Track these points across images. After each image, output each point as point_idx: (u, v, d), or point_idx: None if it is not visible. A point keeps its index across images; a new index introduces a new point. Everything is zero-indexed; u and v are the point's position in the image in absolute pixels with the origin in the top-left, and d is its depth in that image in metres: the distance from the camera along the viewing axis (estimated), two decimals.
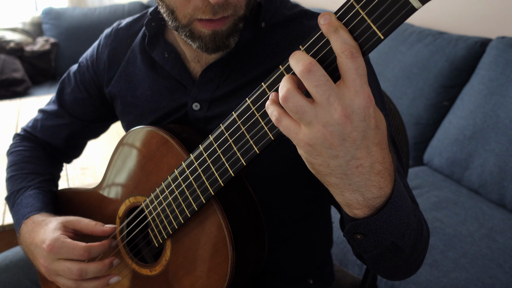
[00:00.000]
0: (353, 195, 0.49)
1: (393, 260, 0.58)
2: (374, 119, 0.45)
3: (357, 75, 0.43)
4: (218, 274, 0.64)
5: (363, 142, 0.45)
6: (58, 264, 0.71)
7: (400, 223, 0.53)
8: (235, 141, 0.56)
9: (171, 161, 0.68)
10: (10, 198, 0.88)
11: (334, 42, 0.43)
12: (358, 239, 0.55)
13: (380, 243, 0.54)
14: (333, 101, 0.43)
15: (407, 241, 0.57)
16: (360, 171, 0.47)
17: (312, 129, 0.45)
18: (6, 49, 3.09)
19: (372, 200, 0.50)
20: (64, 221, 0.75)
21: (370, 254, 0.57)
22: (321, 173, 0.48)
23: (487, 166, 1.58)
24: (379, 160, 0.47)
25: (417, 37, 1.98)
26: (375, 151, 0.46)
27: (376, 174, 0.48)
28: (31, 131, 1.00)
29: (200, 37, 0.66)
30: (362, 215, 0.51)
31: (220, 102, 0.74)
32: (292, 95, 0.45)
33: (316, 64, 0.44)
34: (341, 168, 0.46)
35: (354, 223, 0.52)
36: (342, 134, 0.44)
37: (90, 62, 0.91)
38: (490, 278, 1.24)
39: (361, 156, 0.46)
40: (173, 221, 0.67)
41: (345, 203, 0.51)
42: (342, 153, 0.45)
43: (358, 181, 0.47)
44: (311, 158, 0.47)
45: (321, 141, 0.45)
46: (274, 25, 0.75)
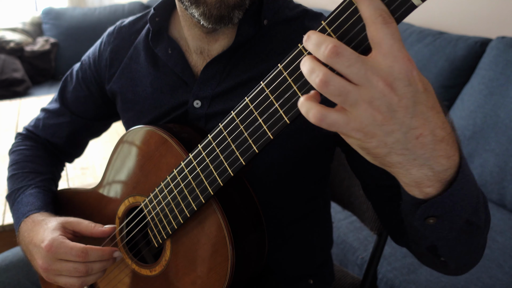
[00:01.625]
0: (421, 170, 0.44)
1: (469, 242, 0.55)
2: (421, 82, 0.41)
3: (394, 40, 0.39)
4: (218, 274, 0.64)
5: (416, 108, 0.41)
6: (60, 264, 0.70)
7: (472, 196, 0.50)
8: (234, 140, 0.56)
9: (170, 161, 0.68)
10: (10, 197, 0.88)
11: (366, 7, 0.40)
12: (430, 225, 0.50)
13: (455, 223, 0.50)
14: (371, 76, 0.40)
15: (481, 216, 0.53)
16: (421, 141, 0.42)
17: (359, 110, 0.41)
18: (6, 49, 3.09)
19: (443, 173, 0.45)
20: (64, 222, 0.75)
21: (445, 240, 0.53)
22: (379, 155, 0.44)
23: (487, 166, 1.57)
24: (439, 126, 0.43)
25: (417, 37, 1.98)
26: (432, 116, 0.42)
27: (440, 141, 0.43)
28: (33, 130, 1.00)
29: (206, 1, 0.65)
30: (435, 192, 0.46)
31: (221, 99, 0.74)
32: (332, 77, 0.40)
33: (341, 44, 0.40)
34: (400, 143, 0.42)
35: (427, 204, 0.48)
36: (390, 105, 0.40)
37: (92, 60, 0.91)
38: (490, 278, 1.24)
39: (418, 124, 0.41)
40: (172, 221, 0.67)
41: (414, 183, 0.46)
42: (397, 126, 0.41)
43: (423, 153, 0.43)
44: (364, 143, 0.43)
45: (371, 121, 0.41)
46: (276, 23, 0.75)
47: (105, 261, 0.71)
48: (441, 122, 0.43)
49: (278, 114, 0.50)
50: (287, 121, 0.49)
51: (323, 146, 0.74)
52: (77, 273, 0.70)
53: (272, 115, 0.51)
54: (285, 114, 0.49)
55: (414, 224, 0.52)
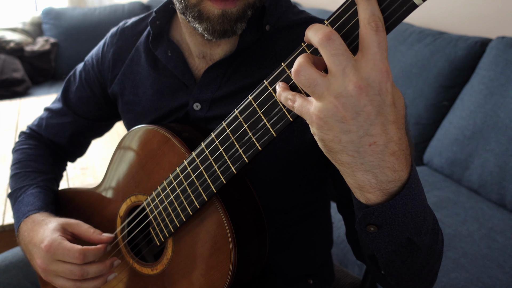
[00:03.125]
0: (365, 176, 0.47)
1: (408, 261, 0.56)
2: (391, 95, 0.43)
3: (379, 48, 0.42)
4: (220, 272, 0.64)
5: (378, 117, 0.43)
6: (57, 266, 0.71)
7: (416, 216, 0.51)
8: (237, 138, 0.56)
9: (172, 160, 0.68)
10: (12, 195, 0.88)
11: (363, 10, 0.42)
12: (371, 233, 0.52)
13: (395, 237, 0.52)
14: (348, 72, 0.42)
15: (424, 239, 0.54)
16: (373, 149, 0.44)
17: (324, 101, 0.43)
18: (6, 49, 3.09)
19: (386, 184, 0.47)
20: (64, 223, 0.75)
21: (383, 251, 0.54)
22: (333, 150, 0.46)
23: (487, 166, 1.58)
24: (394, 140, 0.45)
25: (417, 37, 1.99)
26: (391, 129, 0.44)
27: (390, 154, 0.45)
28: (37, 130, 1.00)
29: (209, 18, 0.65)
30: (375, 199, 0.48)
31: (221, 103, 0.74)
32: (304, 67, 0.44)
33: (336, 33, 0.43)
34: (353, 145, 0.44)
35: (368, 210, 0.50)
36: (355, 107, 0.42)
37: (95, 61, 0.91)
38: (490, 278, 1.24)
39: (375, 133, 0.44)
40: (174, 219, 0.67)
41: (357, 185, 0.48)
42: (355, 127, 0.43)
43: (371, 160, 0.45)
44: (322, 133, 0.45)
45: (332, 113, 0.43)
46: (278, 29, 0.75)
47: (102, 265, 0.72)
48: (398, 138, 0.45)
49: (281, 112, 0.50)
50: (290, 119, 0.50)
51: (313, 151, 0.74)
52: (72, 275, 0.70)
53: (275, 113, 0.51)
54: (288, 112, 0.50)
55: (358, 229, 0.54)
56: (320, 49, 0.43)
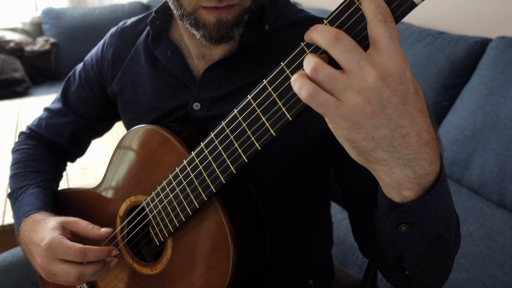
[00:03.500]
0: (403, 171, 0.45)
1: (435, 259, 0.55)
2: (413, 84, 0.42)
3: (391, 39, 0.40)
4: (219, 272, 0.64)
5: (404, 107, 0.42)
6: (55, 266, 0.71)
7: (446, 210, 0.50)
8: (236, 137, 0.56)
9: (172, 160, 0.68)
10: (12, 195, 0.88)
11: (368, 5, 0.41)
12: (402, 232, 0.50)
13: (426, 234, 0.50)
14: (364, 65, 0.40)
15: (451, 234, 0.53)
16: (407, 141, 0.43)
17: (349, 98, 0.41)
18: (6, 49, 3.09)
19: (424, 177, 0.46)
20: (63, 221, 0.75)
21: (413, 251, 0.53)
22: (366, 149, 0.44)
23: (487, 166, 1.58)
24: (425, 129, 0.43)
25: (417, 37, 1.99)
26: (419, 118, 0.43)
27: (425, 144, 0.44)
28: (36, 130, 1.00)
29: (205, 25, 0.65)
30: (413, 196, 0.47)
31: (220, 102, 0.74)
32: (321, 64, 0.42)
33: (343, 32, 0.42)
34: (387, 140, 0.43)
35: (401, 209, 0.48)
36: (381, 99, 0.41)
37: (94, 61, 0.91)
38: (490, 278, 1.24)
39: (406, 123, 0.42)
40: (174, 219, 0.67)
41: (395, 183, 0.46)
42: (385, 121, 0.42)
43: (407, 153, 0.44)
44: (352, 133, 0.43)
45: (360, 110, 0.41)
46: (278, 28, 0.75)
47: (99, 266, 0.71)
48: (427, 126, 0.44)
49: (281, 111, 0.50)
50: (290, 118, 0.50)
51: (313, 152, 0.74)
52: (68, 277, 0.70)
53: (275, 112, 0.51)
54: (287, 112, 0.50)
55: (386, 230, 0.52)
56: (329, 50, 0.42)
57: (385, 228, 0.52)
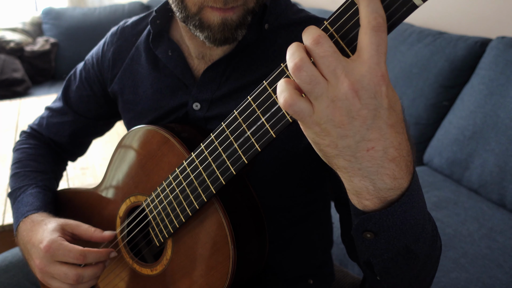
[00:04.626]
0: (362, 182, 0.45)
1: (405, 269, 0.54)
2: (387, 99, 0.41)
3: (377, 51, 0.40)
4: (219, 273, 0.64)
5: (374, 122, 0.41)
6: (54, 268, 0.70)
7: (415, 224, 0.49)
8: (236, 138, 0.56)
9: (172, 160, 0.68)
10: (12, 195, 0.88)
11: (364, 7, 0.40)
12: (367, 239, 0.50)
13: (392, 244, 0.50)
14: (339, 74, 0.40)
15: (422, 247, 0.53)
16: (371, 155, 0.43)
17: (321, 105, 0.41)
18: (6, 49, 3.09)
19: (384, 192, 0.46)
20: (63, 223, 0.75)
21: (380, 258, 0.53)
22: (329, 154, 0.45)
23: (487, 166, 1.58)
24: (394, 145, 0.43)
25: (417, 37, 1.98)
26: (389, 133, 0.42)
27: (390, 161, 0.43)
28: (37, 129, 1.00)
29: (209, 26, 0.65)
30: (373, 206, 0.47)
31: (220, 102, 0.74)
32: (307, 63, 0.41)
33: (325, 36, 0.41)
34: (350, 150, 0.43)
35: (365, 217, 0.48)
36: (350, 111, 0.41)
37: (95, 60, 0.91)
38: (490, 278, 1.24)
39: (373, 137, 0.42)
40: (174, 220, 0.67)
41: (354, 191, 0.47)
42: (351, 132, 0.42)
43: (369, 166, 0.43)
44: (318, 138, 0.44)
45: (329, 118, 0.41)
46: (277, 28, 0.74)
47: (97, 268, 0.71)
48: (398, 143, 0.43)
49: (281, 113, 0.50)
50: (290, 120, 0.50)
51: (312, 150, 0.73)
52: (67, 279, 0.70)
53: (275, 114, 0.51)
54: (287, 113, 0.50)
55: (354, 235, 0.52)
56: (310, 53, 0.42)
57: (353, 233, 0.52)
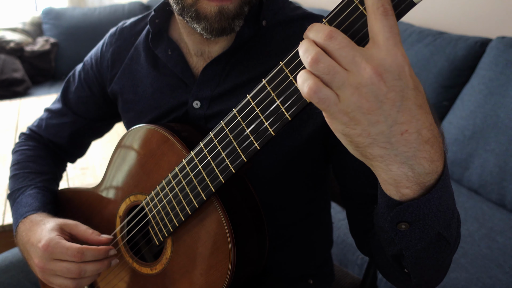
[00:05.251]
0: (401, 169, 0.44)
1: (435, 257, 0.54)
2: (412, 79, 0.41)
3: (391, 33, 0.40)
4: (219, 272, 0.64)
5: (403, 103, 0.41)
6: (55, 264, 0.71)
7: (447, 209, 0.49)
8: (236, 137, 0.56)
9: (171, 159, 0.68)
10: (11, 196, 0.89)
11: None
12: (402, 230, 0.49)
13: (426, 233, 0.50)
14: (359, 61, 0.40)
15: (453, 232, 0.53)
16: (406, 138, 0.42)
17: (346, 93, 0.41)
18: (6, 49, 3.09)
19: (423, 176, 0.44)
20: (61, 223, 0.75)
21: (413, 249, 0.52)
22: (361, 144, 0.43)
23: (487, 166, 1.58)
24: (426, 126, 0.42)
25: (417, 37, 1.99)
26: (420, 114, 0.41)
27: (425, 142, 0.42)
28: (36, 130, 1.00)
29: (206, 17, 0.65)
30: (412, 194, 0.46)
31: (220, 100, 0.75)
32: (323, 55, 0.41)
33: (336, 30, 0.42)
34: (384, 136, 0.42)
35: (401, 207, 0.47)
36: (377, 95, 0.40)
37: (94, 61, 0.91)
38: (490, 278, 1.24)
39: (405, 120, 0.41)
40: (173, 219, 0.67)
41: (393, 181, 0.45)
42: (382, 117, 0.41)
43: (406, 151, 0.42)
44: (348, 129, 0.42)
45: (357, 106, 0.41)
46: (275, 24, 0.75)
47: (99, 264, 0.71)
48: (429, 123, 0.42)
49: (280, 111, 0.50)
50: (289, 118, 0.50)
51: (312, 147, 0.74)
52: (70, 274, 0.70)
53: (273, 112, 0.51)
54: (286, 111, 0.50)
55: (386, 228, 0.51)
56: (324, 48, 0.42)
57: (385, 226, 0.52)
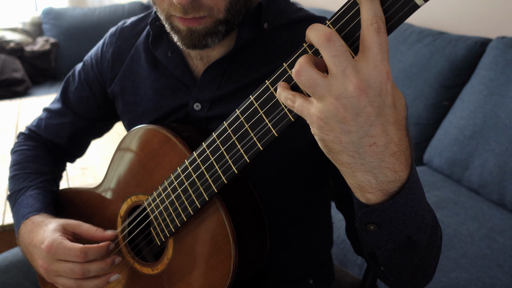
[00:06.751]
0: (365, 176, 0.47)
1: (407, 258, 0.56)
2: (391, 96, 0.43)
3: (380, 50, 0.42)
4: (220, 272, 0.64)
5: (378, 118, 0.43)
6: (59, 265, 0.71)
7: (416, 214, 0.51)
8: (239, 138, 0.56)
9: (173, 160, 0.68)
10: (12, 197, 0.88)
11: (366, 10, 0.42)
12: (371, 231, 0.52)
13: (394, 235, 0.52)
14: (349, 73, 0.42)
15: (423, 236, 0.55)
16: (373, 150, 0.45)
17: (325, 102, 0.44)
18: (6, 49, 3.09)
19: (386, 184, 0.48)
20: (64, 223, 0.75)
21: (383, 249, 0.55)
22: (333, 150, 0.47)
23: (487, 166, 1.58)
24: (394, 141, 0.45)
25: (417, 37, 1.99)
26: (391, 130, 0.44)
27: (391, 155, 0.46)
28: (35, 130, 1.00)
29: (179, 31, 0.67)
30: (376, 200, 0.49)
31: (221, 102, 0.75)
32: (305, 68, 0.44)
33: (336, 34, 0.43)
34: (354, 145, 0.45)
35: (368, 210, 0.50)
36: (355, 108, 0.43)
37: (94, 61, 0.91)
38: (490, 278, 1.24)
39: (375, 134, 0.44)
40: (175, 219, 0.67)
41: (357, 186, 0.49)
42: (355, 128, 0.44)
43: (371, 161, 0.46)
44: (322, 134, 0.46)
45: (333, 114, 0.44)
46: (277, 27, 0.74)
47: (103, 263, 0.72)
48: (398, 139, 0.45)
49: (283, 112, 0.50)
50: (292, 119, 0.50)
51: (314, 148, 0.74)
52: (74, 274, 0.70)
53: (277, 113, 0.51)
54: (289, 112, 0.50)
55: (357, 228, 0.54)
56: (320, 50, 0.44)
57: (357, 226, 0.54)
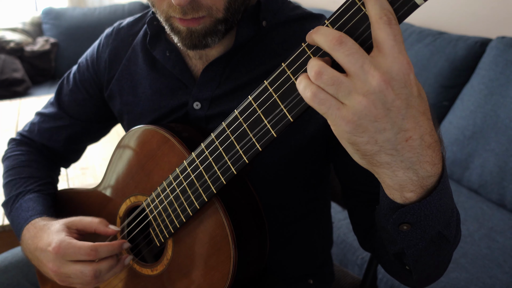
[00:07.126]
0: (406, 174, 0.45)
1: (436, 254, 0.56)
2: (416, 87, 0.42)
3: (395, 41, 0.41)
4: (220, 273, 0.64)
5: (408, 111, 0.42)
6: (68, 268, 0.68)
7: (447, 208, 0.51)
8: (237, 138, 0.56)
9: (172, 160, 0.68)
10: (8, 204, 0.86)
11: (372, 5, 0.41)
12: (403, 231, 0.51)
13: (427, 233, 0.51)
14: (368, 68, 0.41)
15: (452, 231, 0.55)
16: (410, 144, 0.43)
17: (353, 102, 0.41)
18: (6, 49, 3.09)
19: (426, 179, 0.46)
20: (66, 222, 0.73)
21: (415, 248, 0.54)
22: (368, 152, 0.44)
23: (487, 166, 1.58)
24: (428, 132, 0.44)
25: (417, 37, 1.99)
26: (423, 121, 0.43)
27: (427, 147, 0.44)
28: (28, 135, 0.97)
29: (179, 32, 0.67)
30: (415, 197, 0.47)
31: (221, 101, 0.74)
32: (325, 67, 0.42)
33: (346, 35, 0.42)
34: (391, 143, 0.43)
35: (404, 210, 0.48)
36: (385, 103, 0.41)
37: (90, 62, 0.90)
38: (490, 278, 1.24)
39: (409, 127, 0.42)
40: (174, 220, 0.67)
41: (398, 186, 0.47)
42: (389, 125, 0.42)
43: (410, 156, 0.44)
44: (356, 137, 0.43)
45: (365, 113, 0.41)
46: (275, 25, 0.74)
47: (113, 262, 0.70)
48: (430, 129, 0.44)
49: (282, 112, 0.50)
50: (291, 119, 0.50)
51: (314, 146, 0.74)
52: (85, 277, 0.68)
53: (276, 113, 0.51)
54: (288, 112, 0.50)
55: (388, 229, 0.53)
56: (332, 53, 0.42)
57: (387, 227, 0.53)
